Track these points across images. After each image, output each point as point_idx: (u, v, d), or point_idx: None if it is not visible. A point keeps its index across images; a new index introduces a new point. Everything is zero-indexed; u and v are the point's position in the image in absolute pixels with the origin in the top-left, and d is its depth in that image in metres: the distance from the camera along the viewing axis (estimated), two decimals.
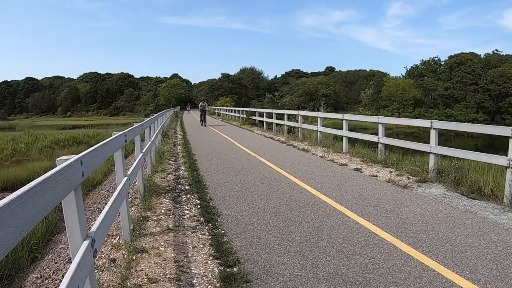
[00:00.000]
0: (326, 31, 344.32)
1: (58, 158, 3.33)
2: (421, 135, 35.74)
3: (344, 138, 15.99)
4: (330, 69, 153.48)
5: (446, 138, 53.76)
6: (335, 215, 7.16)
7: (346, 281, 4.56)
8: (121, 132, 6.22)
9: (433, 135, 10.74)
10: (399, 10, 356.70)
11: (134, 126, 8.51)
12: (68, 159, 3.21)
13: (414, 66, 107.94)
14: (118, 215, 5.87)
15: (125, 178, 5.81)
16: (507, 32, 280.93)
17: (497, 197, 8.77)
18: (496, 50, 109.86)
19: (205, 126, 34.64)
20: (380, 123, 13.46)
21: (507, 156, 8.63)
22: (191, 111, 49.45)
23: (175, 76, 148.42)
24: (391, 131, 46.20)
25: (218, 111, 66.75)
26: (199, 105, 37.86)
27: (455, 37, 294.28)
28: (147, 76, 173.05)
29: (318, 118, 19.45)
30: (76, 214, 3.20)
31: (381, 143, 13.28)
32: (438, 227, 6.52)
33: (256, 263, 5.06)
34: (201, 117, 36.76)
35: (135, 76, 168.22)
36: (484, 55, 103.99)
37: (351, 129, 17.29)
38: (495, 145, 7.84)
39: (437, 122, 10.93)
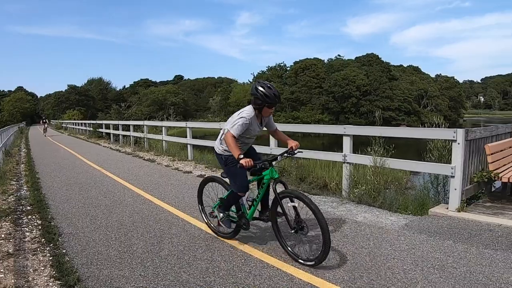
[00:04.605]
0: (176, 40, 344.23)
1: None
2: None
3: (188, 146, 16.14)
4: (178, 78, 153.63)
5: (294, 139, 56.01)
6: (177, 223, 7.20)
7: (187, 287, 4.61)
8: None
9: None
10: (248, 19, 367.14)
11: None
12: None
13: (260, 72, 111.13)
14: None
15: None
16: (350, 38, 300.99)
17: (341, 191, 9.36)
18: (339, 55, 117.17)
19: (46, 136, 37.90)
20: (222, 129, 13.72)
21: (342, 152, 9.24)
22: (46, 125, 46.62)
23: (19, 89, 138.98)
24: None
25: (65, 125, 63.76)
26: (41, 121, 45.09)
27: (301, 44, 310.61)
28: None
29: (163, 128, 19.45)
30: None
31: None
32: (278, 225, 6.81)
33: (97, 279, 4.93)
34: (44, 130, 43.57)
35: None
36: (328, 60, 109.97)
37: (202, 136, 17.48)
38: (340, 142, 8.34)
39: (275, 124, 11.34)
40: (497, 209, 7.67)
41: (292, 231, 5.27)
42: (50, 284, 4.97)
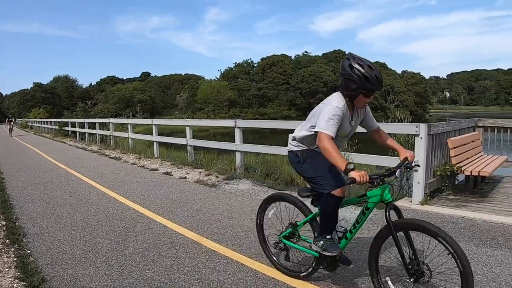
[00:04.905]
0: (144, 36, 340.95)
1: None
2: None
3: (154, 143, 16.10)
4: (146, 75, 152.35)
5: (261, 135, 56.10)
6: (142, 220, 7.16)
7: (151, 284, 4.58)
8: None
9: (237, 133, 11.22)
10: (216, 16, 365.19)
11: None
12: None
13: (228, 68, 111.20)
14: None
15: None
16: (317, 35, 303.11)
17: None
18: (306, 51, 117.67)
19: (12, 137, 36.86)
20: (188, 126, 13.76)
21: None
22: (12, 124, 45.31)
23: None
24: (207, 133, 47.07)
25: (30, 124, 62.69)
26: (7, 120, 43.27)
27: (270, 40, 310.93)
28: None
29: (129, 125, 19.37)
30: None
31: (189, 145, 13.59)
32: (243, 221, 6.88)
33: (62, 279, 4.87)
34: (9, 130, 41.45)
35: None
36: (295, 57, 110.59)
37: (169, 133, 17.43)
38: None
39: (240, 121, 11.44)
40: (460, 202, 7.83)
41: (411, 280, 3.75)
42: (15, 285, 4.90)
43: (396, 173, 4.05)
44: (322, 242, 4.22)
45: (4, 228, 7.30)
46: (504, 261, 5.02)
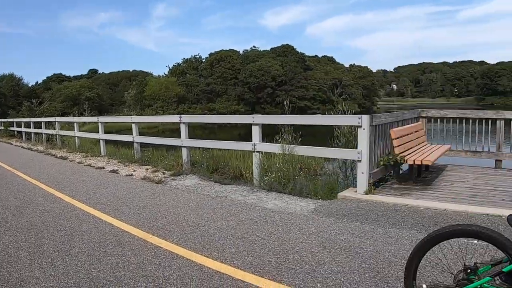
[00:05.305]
0: (91, 32, 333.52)
1: None
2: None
3: (101, 141, 15.98)
4: (93, 72, 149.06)
5: (210, 130, 56.10)
6: (88, 220, 7.11)
7: (97, 283, 4.58)
8: None
9: (183, 129, 11.26)
10: (164, 11, 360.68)
11: None
12: None
13: (176, 64, 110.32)
14: None
15: None
16: (266, 30, 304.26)
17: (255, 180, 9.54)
18: (254, 46, 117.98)
19: None
20: (133, 123, 13.71)
21: (251, 142, 9.43)
22: None
23: None
24: (156, 129, 46.74)
25: None
26: None
27: (218, 36, 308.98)
28: None
29: (75, 124, 19.10)
30: None
31: (135, 142, 13.54)
32: (189, 216, 6.95)
33: (7, 283, 4.81)
34: None
35: None
36: (243, 51, 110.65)
37: (117, 131, 17.31)
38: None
39: (185, 116, 11.48)
40: (404, 190, 8.08)
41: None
42: None
43: None
44: None
45: None
46: (446, 245, 5.20)
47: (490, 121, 10.57)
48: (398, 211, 6.77)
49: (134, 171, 11.68)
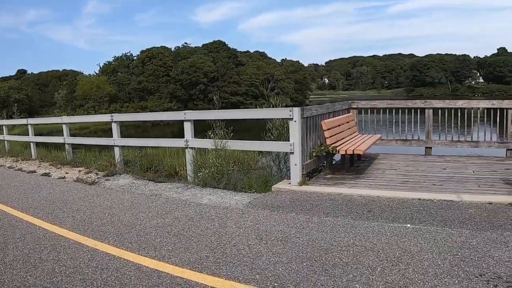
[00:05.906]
0: (19, 31, 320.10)
1: None
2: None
3: (31, 144, 15.55)
4: (21, 72, 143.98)
5: (143, 129, 55.38)
6: (21, 226, 6.86)
7: None
8: None
9: (115, 128, 11.14)
10: (94, 8, 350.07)
11: None
12: None
13: (107, 63, 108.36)
14: None
15: None
16: (198, 26, 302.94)
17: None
18: (186, 43, 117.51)
19: None
20: (64, 123, 13.44)
21: (184, 138, 9.44)
22: None
23: None
24: (89, 130, 45.84)
25: None
26: None
27: (150, 33, 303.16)
28: None
29: (3, 127, 18.49)
30: None
31: (67, 143, 13.28)
32: (124, 216, 6.88)
33: None
34: None
35: None
36: (175, 48, 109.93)
37: (49, 133, 16.92)
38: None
39: (117, 115, 11.39)
40: (337, 180, 8.31)
41: None
42: None
43: None
44: None
45: None
46: (380, 231, 5.40)
47: (419, 110, 10.99)
48: (332, 200, 6.95)
49: (66, 173, 11.40)
